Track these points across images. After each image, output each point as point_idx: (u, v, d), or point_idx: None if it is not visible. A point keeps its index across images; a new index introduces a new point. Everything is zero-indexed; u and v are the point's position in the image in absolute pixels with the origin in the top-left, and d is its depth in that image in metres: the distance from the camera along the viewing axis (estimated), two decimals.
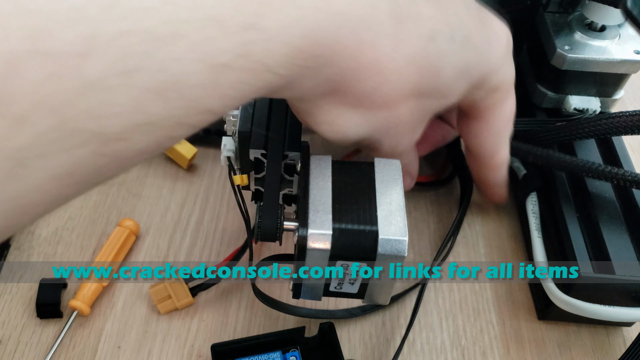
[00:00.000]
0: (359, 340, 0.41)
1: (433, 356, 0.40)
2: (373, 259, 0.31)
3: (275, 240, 0.33)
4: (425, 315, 0.42)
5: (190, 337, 0.40)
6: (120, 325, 0.41)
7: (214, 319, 0.41)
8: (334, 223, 0.31)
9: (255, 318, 0.42)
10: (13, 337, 0.40)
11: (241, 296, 0.43)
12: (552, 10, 0.45)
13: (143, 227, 0.46)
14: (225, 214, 0.47)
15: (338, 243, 0.31)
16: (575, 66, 0.42)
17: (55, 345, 0.39)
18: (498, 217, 0.48)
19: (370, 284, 0.33)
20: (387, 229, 0.31)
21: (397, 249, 0.31)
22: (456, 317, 0.42)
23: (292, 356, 0.37)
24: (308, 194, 0.32)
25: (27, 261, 0.43)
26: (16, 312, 0.41)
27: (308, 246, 0.30)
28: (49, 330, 0.40)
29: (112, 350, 0.40)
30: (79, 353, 0.39)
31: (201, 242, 0.46)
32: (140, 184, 0.49)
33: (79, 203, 0.47)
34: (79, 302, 0.40)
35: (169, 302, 0.40)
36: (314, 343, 0.39)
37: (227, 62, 0.23)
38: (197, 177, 0.50)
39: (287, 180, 0.37)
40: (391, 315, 0.42)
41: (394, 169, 0.34)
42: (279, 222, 0.32)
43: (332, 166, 0.34)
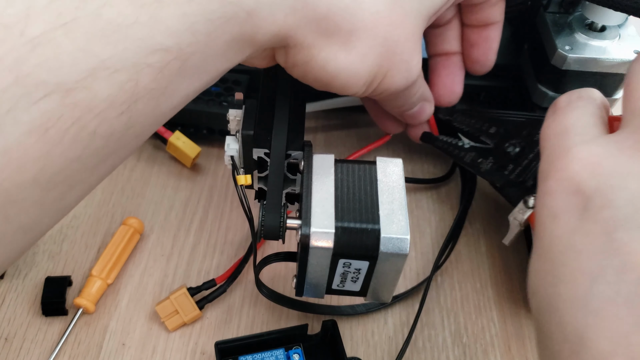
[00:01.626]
0: (362, 337, 0.41)
1: (435, 354, 0.40)
2: (375, 257, 0.31)
3: (278, 238, 0.33)
4: (427, 313, 0.42)
5: (194, 334, 0.41)
6: (124, 322, 0.41)
7: (218, 316, 0.42)
8: (337, 222, 0.31)
9: (258, 316, 0.42)
10: (19, 334, 0.40)
11: (244, 294, 0.43)
12: (553, 10, 0.45)
13: (147, 226, 0.46)
14: (228, 212, 0.48)
15: (340, 241, 0.31)
16: (576, 66, 0.42)
17: (60, 342, 0.39)
18: (499, 216, 0.48)
19: (372, 281, 0.33)
20: (389, 227, 0.31)
21: (399, 247, 0.31)
22: (458, 315, 0.42)
23: (295, 353, 0.38)
24: (311, 192, 0.32)
25: (32, 259, 0.44)
26: (22, 309, 0.41)
27: (311, 244, 0.31)
28: (54, 328, 0.41)
29: (117, 347, 0.40)
30: (84, 350, 0.40)
31: (205, 240, 0.46)
32: (145, 183, 0.49)
33: (84, 202, 0.47)
34: (84, 299, 0.40)
35: (177, 317, 0.40)
36: (317, 340, 0.39)
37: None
38: (200, 176, 0.50)
39: (290, 179, 0.37)
40: (393, 313, 0.42)
41: (396, 167, 0.34)
42: (282, 221, 0.33)
43: (334, 165, 0.34)
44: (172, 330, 0.41)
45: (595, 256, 0.24)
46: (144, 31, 0.25)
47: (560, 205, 0.27)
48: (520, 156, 0.40)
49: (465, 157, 0.43)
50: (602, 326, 0.23)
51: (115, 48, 0.24)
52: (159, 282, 0.43)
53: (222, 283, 0.42)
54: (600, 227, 0.25)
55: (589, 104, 0.31)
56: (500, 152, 0.41)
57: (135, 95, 0.26)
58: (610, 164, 0.26)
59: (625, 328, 0.23)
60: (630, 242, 0.24)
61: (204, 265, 0.44)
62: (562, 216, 0.26)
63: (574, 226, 0.26)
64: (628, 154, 0.26)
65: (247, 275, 0.44)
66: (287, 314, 0.42)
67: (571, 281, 0.25)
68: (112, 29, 0.24)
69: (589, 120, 0.29)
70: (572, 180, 0.26)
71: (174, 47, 0.26)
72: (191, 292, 0.41)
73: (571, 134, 0.29)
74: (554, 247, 0.26)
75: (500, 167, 0.41)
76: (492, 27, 0.41)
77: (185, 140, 0.49)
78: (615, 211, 0.24)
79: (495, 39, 0.42)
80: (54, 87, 0.23)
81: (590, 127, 0.29)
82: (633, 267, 0.23)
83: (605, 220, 0.25)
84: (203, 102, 0.48)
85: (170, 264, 0.44)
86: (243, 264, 0.43)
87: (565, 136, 0.29)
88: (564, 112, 0.31)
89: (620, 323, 0.23)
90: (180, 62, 0.26)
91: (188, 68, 0.27)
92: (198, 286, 0.41)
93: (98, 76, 0.24)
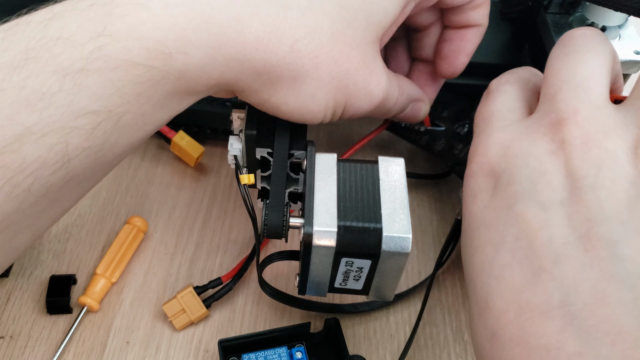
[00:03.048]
0: (364, 335, 0.41)
1: (437, 351, 0.41)
2: (377, 255, 0.31)
3: (281, 237, 0.33)
4: (429, 310, 0.43)
5: (198, 332, 0.41)
6: (128, 321, 0.41)
7: (221, 314, 0.42)
8: (339, 221, 0.31)
9: (261, 314, 0.42)
10: (24, 332, 0.40)
11: (247, 292, 0.43)
12: (553, 11, 0.45)
13: (151, 225, 0.47)
14: (232, 211, 0.48)
15: (343, 240, 0.31)
16: None
17: (65, 340, 0.40)
18: None
19: (374, 280, 0.34)
20: (391, 226, 0.31)
21: (401, 246, 0.31)
22: (459, 312, 0.43)
23: (298, 351, 0.38)
24: (313, 191, 0.32)
25: (37, 258, 0.44)
26: (27, 307, 0.42)
27: (313, 243, 0.31)
28: (59, 326, 0.41)
29: (121, 345, 0.40)
30: (88, 348, 0.40)
31: (208, 239, 0.46)
32: (149, 182, 0.49)
33: (88, 201, 0.48)
34: (89, 298, 0.41)
35: (184, 316, 0.41)
36: (320, 338, 0.39)
37: (83, 67, 0.26)
38: (204, 176, 0.50)
39: (292, 179, 0.37)
40: (395, 311, 0.43)
41: (398, 167, 0.34)
42: (285, 220, 0.33)
43: (337, 164, 0.34)
44: (180, 329, 0.41)
45: (499, 227, 0.28)
46: (68, 98, 0.26)
47: (479, 185, 0.30)
48: (468, 135, 0.41)
49: (421, 140, 0.46)
50: (500, 288, 0.26)
51: (41, 115, 0.26)
52: (163, 281, 0.43)
53: (228, 281, 0.42)
54: (505, 202, 0.28)
55: (515, 87, 0.33)
56: (451, 133, 0.43)
57: (67, 155, 0.27)
58: (517, 146, 0.29)
59: (516, 287, 0.26)
60: (525, 211, 0.27)
61: (207, 264, 0.45)
62: (479, 195, 0.29)
63: (487, 203, 0.29)
64: (532, 137, 0.29)
65: (251, 274, 0.44)
66: (290, 312, 0.42)
67: (481, 252, 0.28)
68: (37, 98, 0.26)
69: (512, 104, 0.32)
70: (488, 163, 0.30)
71: (102, 110, 0.27)
72: (197, 291, 0.41)
73: (494, 119, 0.32)
74: (472, 223, 0.29)
75: (450, 147, 0.43)
76: (471, 29, 0.40)
77: (189, 139, 0.49)
78: (516, 187, 0.28)
79: (472, 41, 0.40)
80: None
81: (511, 112, 0.32)
82: (525, 234, 0.26)
83: (509, 195, 0.28)
84: (206, 102, 0.48)
85: (174, 262, 0.45)
86: (249, 262, 0.43)
87: (490, 121, 0.32)
88: (492, 97, 0.33)
89: (514, 284, 0.26)
90: (112, 122, 0.28)
91: (123, 125, 0.29)
92: (204, 285, 0.42)
93: (25, 141, 0.26)
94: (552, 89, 0.29)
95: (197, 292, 0.41)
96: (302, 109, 0.33)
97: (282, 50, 0.30)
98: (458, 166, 0.44)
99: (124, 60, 0.27)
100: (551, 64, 0.31)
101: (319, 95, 0.33)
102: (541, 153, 0.28)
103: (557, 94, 0.29)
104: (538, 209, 0.26)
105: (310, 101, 0.33)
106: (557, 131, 0.28)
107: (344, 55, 0.32)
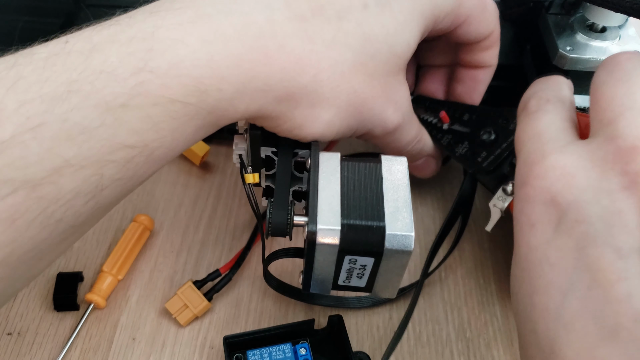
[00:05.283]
0: (367, 332, 0.42)
1: (439, 348, 0.41)
2: (380, 253, 0.32)
3: (285, 235, 0.33)
4: (431, 308, 0.43)
5: (203, 329, 0.41)
6: (135, 317, 0.42)
7: (226, 311, 0.42)
8: (343, 219, 0.32)
9: (265, 311, 0.43)
10: (31, 329, 0.41)
11: (252, 289, 0.44)
12: (554, 12, 0.45)
13: (157, 223, 0.47)
14: (237, 209, 0.48)
15: (346, 238, 0.31)
16: (577, 66, 0.43)
17: (72, 337, 0.40)
18: None
19: (377, 277, 0.34)
20: (394, 224, 0.32)
21: (404, 244, 0.31)
22: (461, 310, 0.43)
23: (302, 347, 0.38)
24: (317, 190, 0.33)
25: None
26: (34, 304, 0.42)
27: (317, 241, 0.31)
28: (66, 323, 0.41)
29: (127, 342, 0.41)
30: (95, 345, 0.40)
31: (213, 237, 0.47)
32: (155, 181, 0.50)
33: None
34: (95, 295, 0.41)
35: (187, 311, 0.41)
36: (323, 335, 0.40)
37: (124, 102, 0.27)
38: (209, 174, 0.51)
39: (297, 177, 0.37)
40: (398, 308, 0.43)
41: (401, 165, 0.35)
42: (289, 218, 0.33)
43: (340, 163, 0.34)
44: (185, 324, 0.41)
45: (567, 271, 0.26)
46: (108, 132, 0.27)
47: (537, 215, 0.28)
48: (494, 144, 0.41)
49: (442, 139, 0.44)
50: (570, 339, 0.25)
51: (80, 148, 0.26)
52: (169, 278, 0.44)
53: (227, 272, 0.42)
54: (574, 242, 0.26)
55: (558, 107, 0.32)
56: (475, 138, 0.42)
57: (100, 186, 0.28)
58: (583, 177, 0.27)
59: (590, 342, 0.24)
60: (600, 259, 0.25)
61: (212, 261, 0.45)
62: (539, 226, 0.28)
63: (549, 238, 0.27)
64: (600, 168, 0.26)
65: (255, 271, 0.44)
66: (294, 309, 0.43)
67: (545, 293, 0.26)
68: (78, 131, 0.26)
69: (560, 125, 0.30)
70: (549, 191, 0.27)
71: (139, 144, 0.28)
72: (197, 285, 0.42)
73: (545, 139, 0.30)
74: (531, 257, 0.28)
75: (473, 153, 0.42)
76: (482, 70, 0.42)
77: None
78: (587, 227, 0.26)
79: (483, 82, 0.42)
80: (20, 183, 0.25)
81: (562, 133, 0.30)
82: (600, 284, 0.24)
83: (578, 235, 0.26)
84: None
85: (180, 260, 0.45)
86: (246, 252, 0.44)
87: (539, 140, 0.30)
88: (536, 117, 0.32)
89: (587, 337, 0.24)
90: (144, 156, 0.29)
91: (155, 158, 0.29)
92: (203, 278, 0.42)
93: (63, 173, 0.26)
94: (609, 114, 0.27)
95: (197, 286, 0.42)
96: (315, 134, 0.34)
97: (305, 79, 0.31)
98: (481, 175, 0.42)
99: (163, 96, 0.27)
100: (602, 90, 0.28)
101: (335, 121, 0.34)
102: (614, 188, 0.26)
103: (619, 120, 0.27)
104: (615, 257, 0.24)
105: (325, 127, 0.34)
106: (629, 160, 0.25)
107: (363, 85, 0.34)
